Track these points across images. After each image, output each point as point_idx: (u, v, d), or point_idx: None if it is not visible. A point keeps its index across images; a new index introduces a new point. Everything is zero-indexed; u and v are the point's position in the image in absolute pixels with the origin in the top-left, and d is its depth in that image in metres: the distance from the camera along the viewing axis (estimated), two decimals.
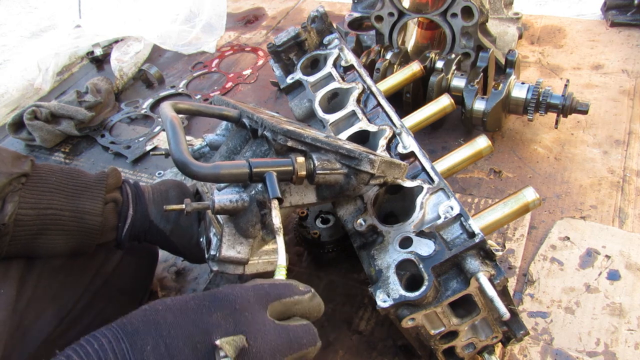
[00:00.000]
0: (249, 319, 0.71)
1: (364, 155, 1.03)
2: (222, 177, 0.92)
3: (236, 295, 0.73)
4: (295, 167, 0.99)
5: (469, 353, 1.21)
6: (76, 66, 2.83)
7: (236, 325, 0.70)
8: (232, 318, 0.70)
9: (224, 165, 0.93)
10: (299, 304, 0.81)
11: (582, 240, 1.56)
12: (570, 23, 2.52)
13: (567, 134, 1.94)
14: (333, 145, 1.02)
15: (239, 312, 0.71)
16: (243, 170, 0.94)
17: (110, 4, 2.94)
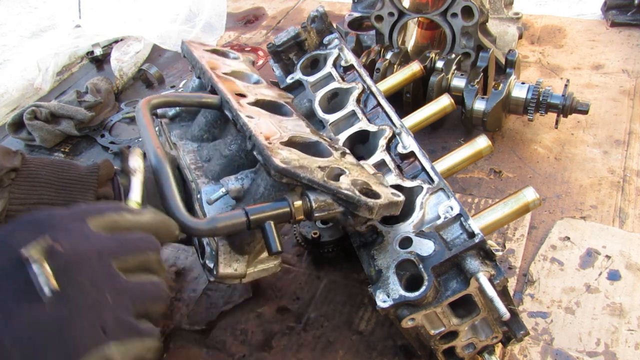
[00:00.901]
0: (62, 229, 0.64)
1: (362, 202, 1.00)
2: (219, 231, 0.92)
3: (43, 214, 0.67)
4: (293, 212, 0.99)
5: (469, 353, 1.21)
6: (76, 66, 2.83)
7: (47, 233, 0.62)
8: (38, 232, 0.62)
9: (220, 218, 0.93)
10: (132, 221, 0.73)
11: (583, 240, 1.56)
12: (570, 23, 2.52)
13: (567, 134, 1.94)
14: (331, 188, 1.00)
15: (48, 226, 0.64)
16: (240, 221, 0.94)
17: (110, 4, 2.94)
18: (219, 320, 1.52)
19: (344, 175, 1.06)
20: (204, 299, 1.56)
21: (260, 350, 1.43)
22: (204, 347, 1.46)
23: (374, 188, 1.06)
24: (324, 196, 1.00)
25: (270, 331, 1.47)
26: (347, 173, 1.07)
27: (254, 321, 1.51)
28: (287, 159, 1.01)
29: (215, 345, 1.46)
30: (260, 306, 1.54)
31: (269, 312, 1.52)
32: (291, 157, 1.03)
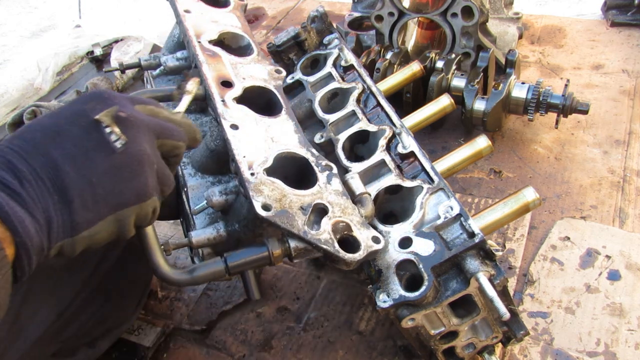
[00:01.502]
0: (120, 103, 0.80)
1: (339, 258, 1.00)
2: (198, 280, 0.96)
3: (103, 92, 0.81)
4: (272, 259, 0.99)
5: (469, 353, 1.21)
6: (76, 66, 2.83)
7: (109, 107, 0.78)
8: (104, 104, 0.78)
9: (199, 268, 0.96)
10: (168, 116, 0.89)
11: (583, 240, 1.56)
12: (570, 23, 2.52)
13: (568, 134, 1.94)
14: (311, 242, 1.00)
15: (109, 100, 0.79)
16: (219, 269, 0.97)
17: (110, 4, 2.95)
18: (219, 320, 1.52)
19: (326, 217, 1.04)
20: (204, 299, 1.56)
21: (260, 350, 1.43)
22: (204, 347, 1.46)
23: (355, 233, 1.06)
24: (304, 244, 1.00)
25: (270, 331, 1.47)
26: (330, 211, 1.05)
27: (254, 321, 1.51)
28: (268, 202, 1.00)
29: (215, 345, 1.46)
30: (260, 306, 1.54)
31: (269, 312, 1.52)
32: (273, 195, 1.02)
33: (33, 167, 0.71)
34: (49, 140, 0.74)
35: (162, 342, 1.47)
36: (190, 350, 1.45)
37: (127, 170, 0.77)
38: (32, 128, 0.76)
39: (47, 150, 0.73)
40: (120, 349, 1.44)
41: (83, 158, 0.74)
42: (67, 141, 0.74)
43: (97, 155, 0.75)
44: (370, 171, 1.29)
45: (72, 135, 0.75)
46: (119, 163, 0.76)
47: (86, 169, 0.74)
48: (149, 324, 1.49)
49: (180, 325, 1.50)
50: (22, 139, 0.74)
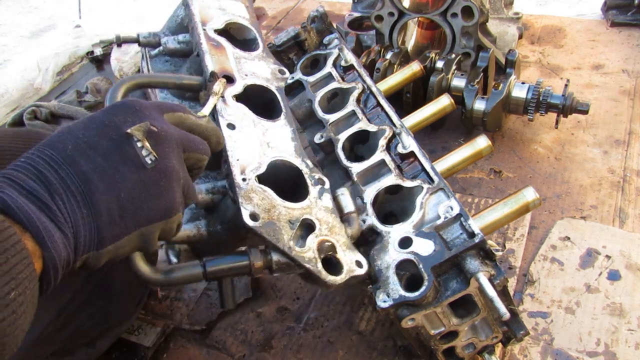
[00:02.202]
0: (151, 116, 0.81)
1: (321, 279, 1.01)
2: (175, 281, 0.94)
3: (134, 102, 0.82)
4: (252, 270, 0.98)
5: (469, 353, 1.21)
6: (76, 66, 2.83)
7: (141, 120, 0.79)
8: (135, 116, 0.79)
9: (176, 269, 0.94)
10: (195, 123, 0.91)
11: (583, 240, 1.56)
12: (570, 23, 2.52)
13: (568, 134, 1.94)
14: (294, 259, 0.99)
15: (141, 112, 0.81)
16: (196, 272, 0.95)
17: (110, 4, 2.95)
18: (219, 320, 1.52)
19: (313, 235, 1.04)
20: (204, 299, 1.56)
21: (260, 350, 1.43)
22: (204, 347, 1.46)
23: (339, 255, 1.05)
24: (287, 259, 0.99)
25: (270, 331, 1.47)
26: (317, 228, 1.05)
27: (254, 321, 1.51)
28: (257, 212, 0.99)
29: (215, 345, 1.46)
30: (260, 306, 1.54)
31: (269, 312, 1.52)
32: (263, 204, 1.01)
33: (64, 180, 0.72)
34: (80, 152, 0.74)
35: (162, 342, 1.47)
36: (190, 350, 1.45)
37: (156, 186, 0.78)
38: (62, 138, 0.76)
39: (77, 162, 0.73)
40: (120, 348, 1.44)
41: (113, 172, 0.75)
42: (98, 154, 0.75)
43: (127, 170, 0.75)
44: (370, 171, 1.29)
45: (102, 148, 0.75)
46: (148, 179, 0.77)
47: (115, 184, 0.74)
48: (149, 324, 1.49)
49: (180, 325, 1.50)
50: (53, 149, 0.74)
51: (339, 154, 1.35)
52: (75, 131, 0.77)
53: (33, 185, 0.69)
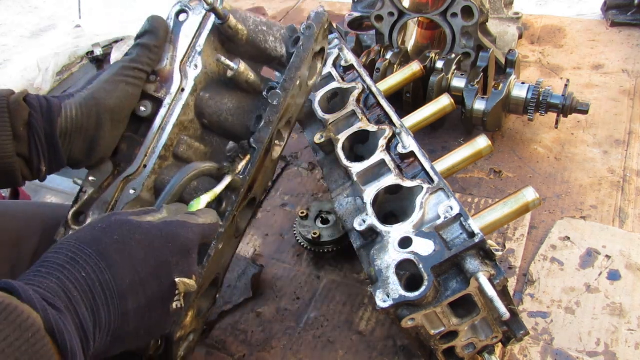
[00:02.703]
0: (194, 260, 0.89)
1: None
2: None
3: (189, 238, 0.89)
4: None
5: (469, 353, 1.21)
6: (76, 66, 2.83)
7: (188, 267, 0.87)
8: (185, 261, 0.87)
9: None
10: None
11: (583, 240, 1.56)
12: (570, 23, 2.52)
13: (568, 134, 1.94)
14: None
15: (189, 255, 0.88)
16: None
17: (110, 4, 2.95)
18: (219, 320, 1.52)
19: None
20: None
21: (260, 350, 1.43)
22: (204, 347, 1.46)
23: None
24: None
25: (270, 331, 1.47)
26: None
27: (254, 321, 1.51)
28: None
29: (215, 345, 1.46)
30: (260, 306, 1.54)
31: (269, 312, 1.52)
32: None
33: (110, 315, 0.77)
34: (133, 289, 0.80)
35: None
36: None
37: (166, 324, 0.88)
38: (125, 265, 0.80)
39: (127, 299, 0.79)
40: None
41: (148, 314, 0.82)
42: (145, 294, 0.81)
43: (158, 313, 0.84)
44: (370, 171, 1.29)
45: (150, 290, 0.82)
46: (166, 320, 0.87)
47: (144, 323, 0.82)
48: None
49: None
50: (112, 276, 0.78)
51: (339, 154, 1.35)
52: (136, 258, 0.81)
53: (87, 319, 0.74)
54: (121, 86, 1.07)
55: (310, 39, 1.17)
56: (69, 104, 1.03)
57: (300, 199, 1.85)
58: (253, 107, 1.18)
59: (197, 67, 1.16)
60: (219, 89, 1.19)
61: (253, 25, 1.20)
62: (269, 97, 1.14)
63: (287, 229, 1.74)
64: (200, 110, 1.18)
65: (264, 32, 1.21)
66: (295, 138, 2.08)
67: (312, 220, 1.60)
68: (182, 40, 1.16)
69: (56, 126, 1.01)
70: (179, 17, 1.18)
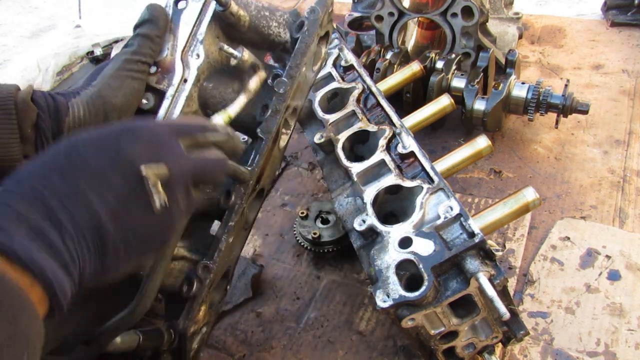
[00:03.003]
0: (166, 149, 0.80)
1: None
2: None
3: (151, 128, 0.81)
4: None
5: (469, 353, 1.21)
6: (76, 66, 2.83)
7: (156, 156, 0.78)
8: (151, 149, 0.78)
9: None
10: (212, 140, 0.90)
11: (583, 240, 1.56)
12: (570, 23, 2.52)
13: (568, 134, 1.94)
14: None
15: (155, 144, 0.79)
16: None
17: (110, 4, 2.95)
18: (219, 320, 1.52)
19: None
20: None
21: (260, 350, 1.43)
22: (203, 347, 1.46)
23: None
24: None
25: (270, 331, 1.47)
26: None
27: (254, 321, 1.51)
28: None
29: (215, 345, 1.46)
30: (260, 306, 1.54)
31: (269, 312, 1.52)
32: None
33: (75, 221, 0.70)
34: (92, 188, 0.72)
35: None
36: None
37: (161, 227, 0.80)
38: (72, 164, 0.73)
39: (90, 201, 0.72)
40: None
41: (124, 215, 0.75)
42: (111, 193, 0.73)
43: (137, 212, 0.76)
44: (370, 171, 1.30)
45: (115, 186, 0.74)
46: (155, 222, 0.78)
47: (125, 227, 0.75)
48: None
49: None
50: (63, 180, 0.71)
51: (339, 154, 1.35)
52: (87, 156, 0.74)
53: (44, 227, 0.67)
54: (127, 82, 1.04)
55: (315, 23, 1.14)
56: (76, 103, 1.00)
57: (300, 199, 1.85)
58: (258, 96, 1.16)
59: (200, 56, 1.13)
60: (222, 78, 1.17)
61: (255, 11, 1.16)
62: (275, 85, 1.12)
63: (287, 229, 1.74)
64: (204, 101, 1.16)
65: (267, 17, 1.17)
66: (295, 138, 2.07)
67: (312, 220, 1.60)
68: (183, 29, 1.13)
69: (64, 126, 0.98)
70: (178, 4, 1.15)
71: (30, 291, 0.64)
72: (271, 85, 1.14)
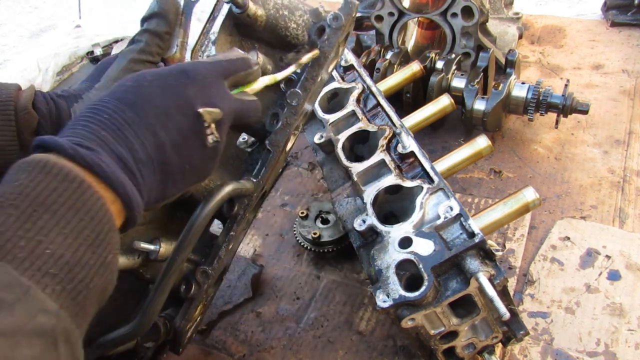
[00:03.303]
0: (217, 92, 0.88)
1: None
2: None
3: (203, 72, 0.88)
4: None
5: (469, 353, 1.21)
6: (76, 66, 2.83)
7: (210, 98, 0.87)
8: (205, 92, 0.87)
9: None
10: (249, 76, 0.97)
11: (583, 240, 1.56)
12: (570, 23, 2.52)
13: (568, 134, 1.94)
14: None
15: (208, 87, 0.87)
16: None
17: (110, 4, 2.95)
18: (219, 320, 1.52)
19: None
20: None
21: (260, 350, 1.43)
22: (204, 347, 1.46)
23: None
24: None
25: (270, 331, 1.47)
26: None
27: (254, 321, 1.51)
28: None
29: (215, 345, 1.46)
30: (260, 306, 1.54)
31: (269, 312, 1.52)
32: None
33: (146, 149, 0.79)
34: (160, 122, 0.81)
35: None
36: (190, 350, 1.45)
37: (209, 159, 0.89)
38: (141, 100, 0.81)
39: (157, 133, 0.80)
40: None
41: (184, 147, 0.84)
42: (174, 127, 0.82)
43: (194, 146, 0.85)
44: (370, 171, 1.29)
45: (177, 121, 0.83)
46: (206, 155, 0.88)
47: (184, 158, 0.84)
48: None
49: None
50: (135, 112, 0.79)
51: (338, 154, 1.35)
52: (153, 95, 0.82)
53: (122, 152, 0.76)
54: None
55: (337, 33, 1.06)
56: (79, 109, 1.00)
57: (300, 199, 1.85)
58: (269, 102, 1.10)
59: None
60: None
61: (274, 10, 1.08)
62: (288, 97, 1.06)
63: (287, 229, 1.74)
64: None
65: (285, 17, 1.08)
66: None
67: (312, 220, 1.60)
68: (194, 25, 1.08)
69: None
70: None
71: (112, 205, 0.73)
72: (284, 90, 1.07)
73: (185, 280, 1.10)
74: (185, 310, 1.11)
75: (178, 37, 1.08)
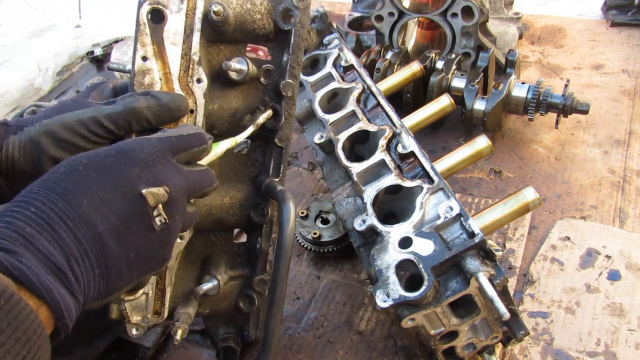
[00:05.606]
0: (163, 169, 0.82)
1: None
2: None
3: (147, 149, 0.82)
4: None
5: (469, 353, 1.21)
6: (76, 66, 2.83)
7: (155, 177, 0.80)
8: (149, 171, 0.80)
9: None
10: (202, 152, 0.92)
11: (583, 240, 1.56)
12: (570, 23, 2.52)
13: (568, 134, 1.94)
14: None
15: (153, 166, 0.81)
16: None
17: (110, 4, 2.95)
18: None
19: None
20: None
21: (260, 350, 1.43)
22: (204, 347, 1.46)
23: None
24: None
25: None
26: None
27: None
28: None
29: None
30: None
31: None
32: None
33: (80, 242, 0.72)
34: (96, 210, 0.74)
35: (162, 342, 1.47)
36: (190, 350, 1.45)
37: (161, 244, 0.83)
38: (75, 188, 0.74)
39: (94, 223, 0.74)
40: (120, 348, 1.44)
41: (126, 234, 0.77)
42: (113, 213, 0.76)
43: (139, 231, 0.79)
44: (370, 171, 1.29)
45: (117, 207, 0.76)
46: (155, 239, 0.81)
47: (127, 245, 0.77)
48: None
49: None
50: (67, 202, 0.73)
51: (338, 154, 1.35)
52: (88, 180, 0.75)
53: (50, 250, 0.69)
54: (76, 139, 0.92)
55: (306, 12, 1.04)
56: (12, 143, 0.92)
57: (300, 199, 1.85)
58: (257, 98, 1.08)
59: (201, 80, 0.99)
60: (220, 91, 1.06)
61: (238, 7, 1.02)
62: (282, 89, 1.05)
63: None
64: (211, 124, 1.06)
65: (250, 10, 1.03)
66: (295, 138, 2.08)
67: (312, 220, 1.60)
68: (171, 51, 0.97)
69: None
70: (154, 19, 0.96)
71: (38, 312, 0.65)
72: (265, 83, 1.06)
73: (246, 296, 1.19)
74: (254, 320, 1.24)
75: (157, 70, 0.97)
